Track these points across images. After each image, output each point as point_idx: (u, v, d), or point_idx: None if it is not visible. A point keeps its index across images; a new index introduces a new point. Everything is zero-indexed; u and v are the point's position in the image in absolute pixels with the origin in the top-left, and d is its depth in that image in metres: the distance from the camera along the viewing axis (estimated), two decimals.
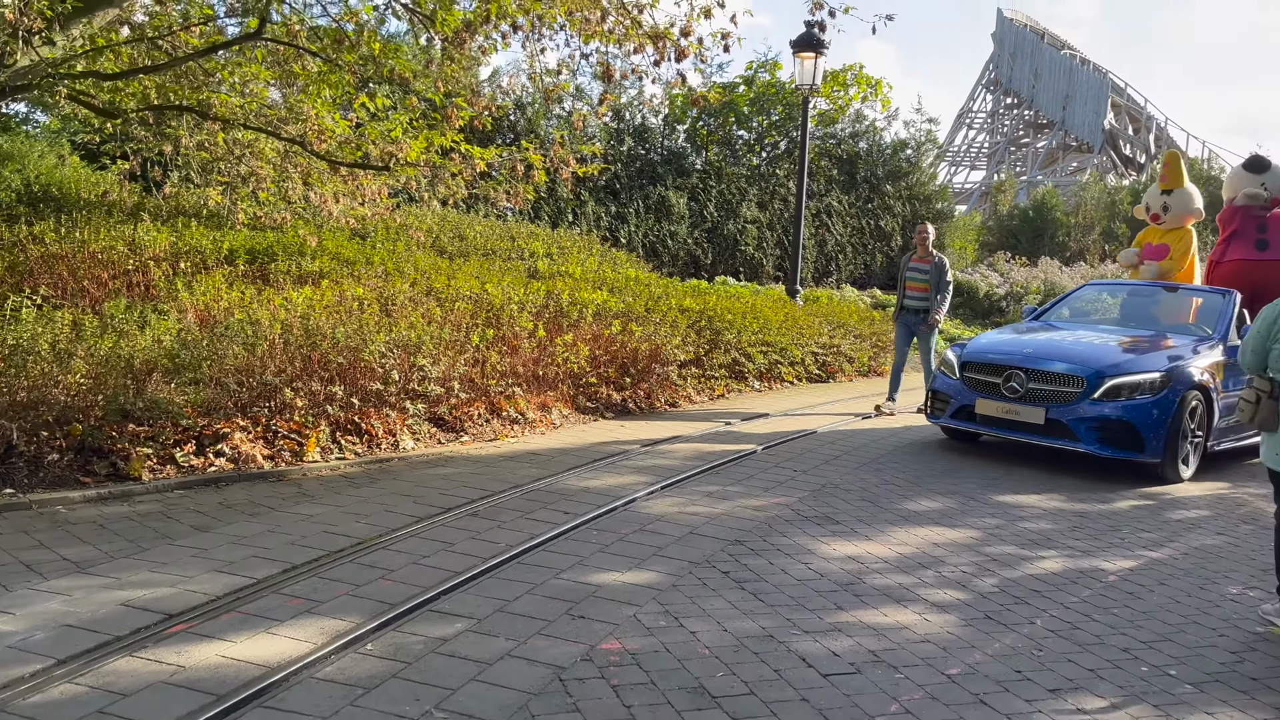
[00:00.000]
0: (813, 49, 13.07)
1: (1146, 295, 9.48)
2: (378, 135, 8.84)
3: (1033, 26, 50.89)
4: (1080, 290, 10.05)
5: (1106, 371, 7.27)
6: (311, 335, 6.88)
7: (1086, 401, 7.21)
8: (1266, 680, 3.91)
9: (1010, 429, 7.53)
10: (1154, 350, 7.73)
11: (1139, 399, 7.15)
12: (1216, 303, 8.70)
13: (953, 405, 7.87)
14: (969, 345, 8.21)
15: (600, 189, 18.78)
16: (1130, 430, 7.13)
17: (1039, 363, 7.49)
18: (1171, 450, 7.21)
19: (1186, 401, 7.26)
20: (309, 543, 4.78)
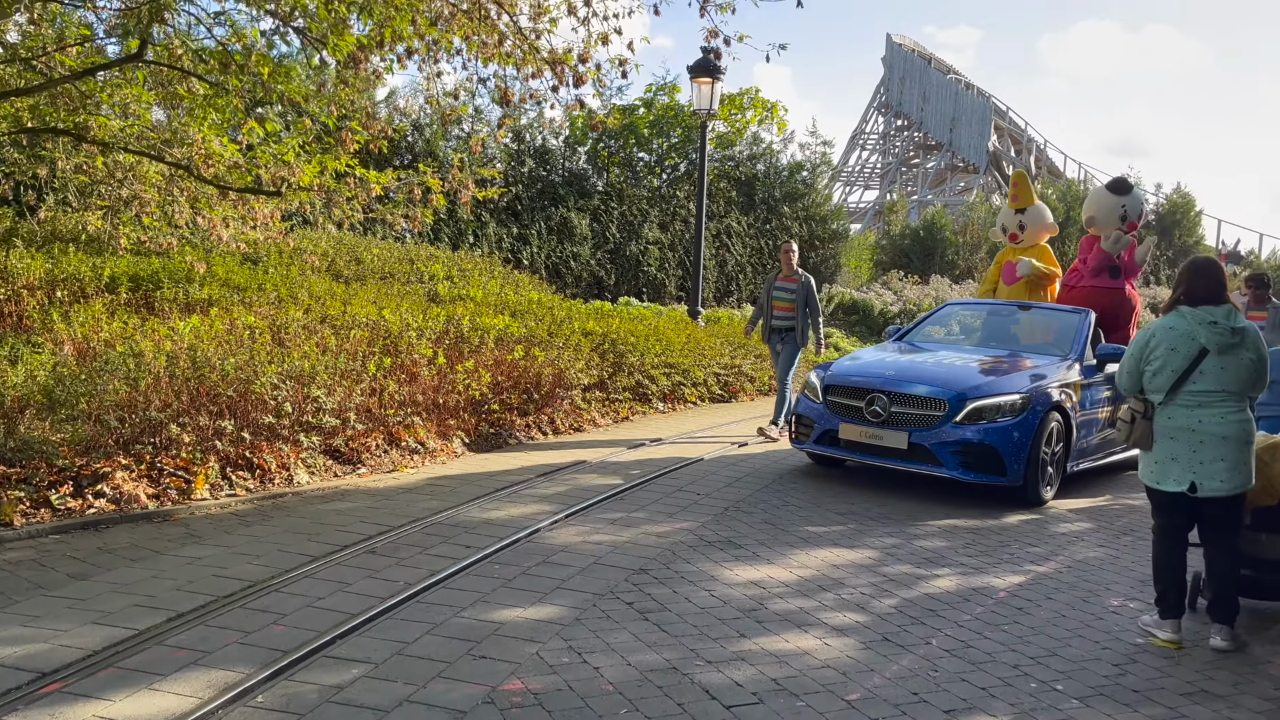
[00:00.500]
0: (709, 74, 13.27)
1: (1005, 315, 9.39)
2: (269, 159, 8.61)
3: (920, 51, 52.72)
4: (942, 310, 9.90)
5: (968, 394, 7.13)
6: (199, 367, 6.64)
7: (949, 425, 7.08)
8: (1147, 692, 4.08)
9: (874, 454, 7.36)
10: (1014, 371, 7.63)
11: (1000, 421, 7.04)
12: (1072, 322, 8.65)
13: (816, 430, 7.69)
14: (832, 367, 8.03)
15: (502, 210, 18.66)
16: (992, 454, 7.01)
17: (901, 385, 7.35)
18: (1033, 473, 7.13)
19: (1047, 423, 7.21)
20: (196, 588, 4.59)
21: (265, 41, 7.93)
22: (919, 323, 9.52)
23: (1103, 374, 8.09)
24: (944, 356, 8.13)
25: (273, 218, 9.78)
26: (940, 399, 7.14)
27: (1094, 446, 8.10)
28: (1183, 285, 4.70)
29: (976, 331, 9.44)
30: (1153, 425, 4.70)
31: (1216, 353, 4.53)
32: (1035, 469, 7.15)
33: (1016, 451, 7.01)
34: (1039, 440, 7.13)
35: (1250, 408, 4.70)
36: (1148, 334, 4.73)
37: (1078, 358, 8.07)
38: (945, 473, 7.07)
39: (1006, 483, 7.06)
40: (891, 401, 7.28)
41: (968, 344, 9.08)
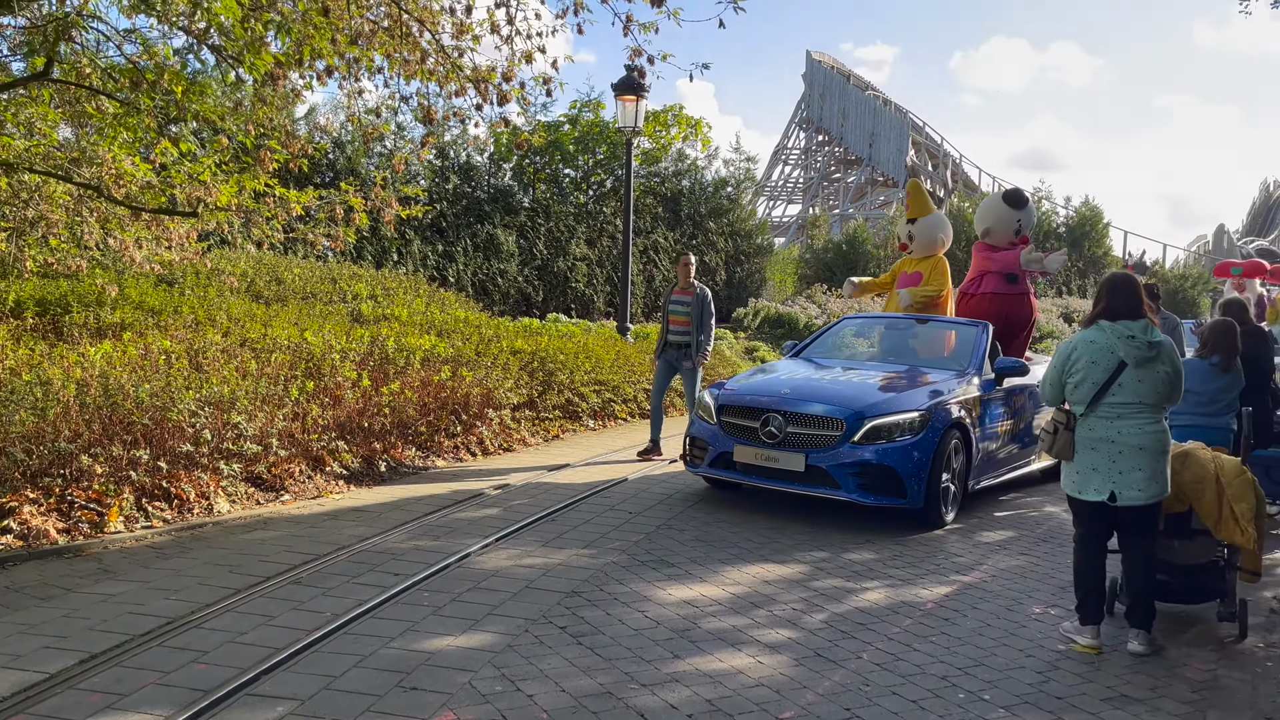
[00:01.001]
0: (634, 92, 13.34)
1: (902, 329, 9.17)
2: (184, 179, 8.38)
3: (839, 68, 53.77)
4: (839, 324, 9.55)
5: (866, 412, 6.87)
6: (112, 395, 6.42)
7: (846, 445, 6.80)
8: (1070, 699, 4.18)
9: (770, 477, 7.02)
10: (912, 388, 7.38)
11: (899, 441, 6.80)
12: (970, 334, 8.44)
13: (711, 452, 7.31)
14: (726, 386, 7.73)
15: (426, 227, 18.46)
16: (891, 475, 6.75)
17: (797, 404, 7.04)
18: (934, 493, 6.88)
19: (947, 440, 6.97)
20: (111, 626, 4.42)
21: (179, 59, 7.73)
22: (817, 337, 9.23)
23: (1002, 388, 7.94)
24: (841, 373, 7.87)
25: (189, 238, 9.51)
26: (837, 418, 6.86)
27: (995, 463, 7.91)
28: (1103, 300, 4.86)
29: (874, 346, 9.22)
30: (1074, 436, 4.83)
31: (1134, 366, 4.69)
32: (936, 489, 6.90)
33: (916, 471, 6.77)
34: (939, 459, 6.90)
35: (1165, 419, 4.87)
36: (1070, 346, 4.88)
37: (976, 372, 7.88)
38: (844, 495, 6.77)
39: (907, 504, 6.80)
40: (788, 421, 6.98)
41: (866, 359, 8.86)
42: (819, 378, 7.74)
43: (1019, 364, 7.95)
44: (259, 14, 7.04)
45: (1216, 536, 5.00)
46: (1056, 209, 33.46)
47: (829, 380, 7.60)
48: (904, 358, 8.60)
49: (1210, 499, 4.94)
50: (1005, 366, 7.90)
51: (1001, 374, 7.89)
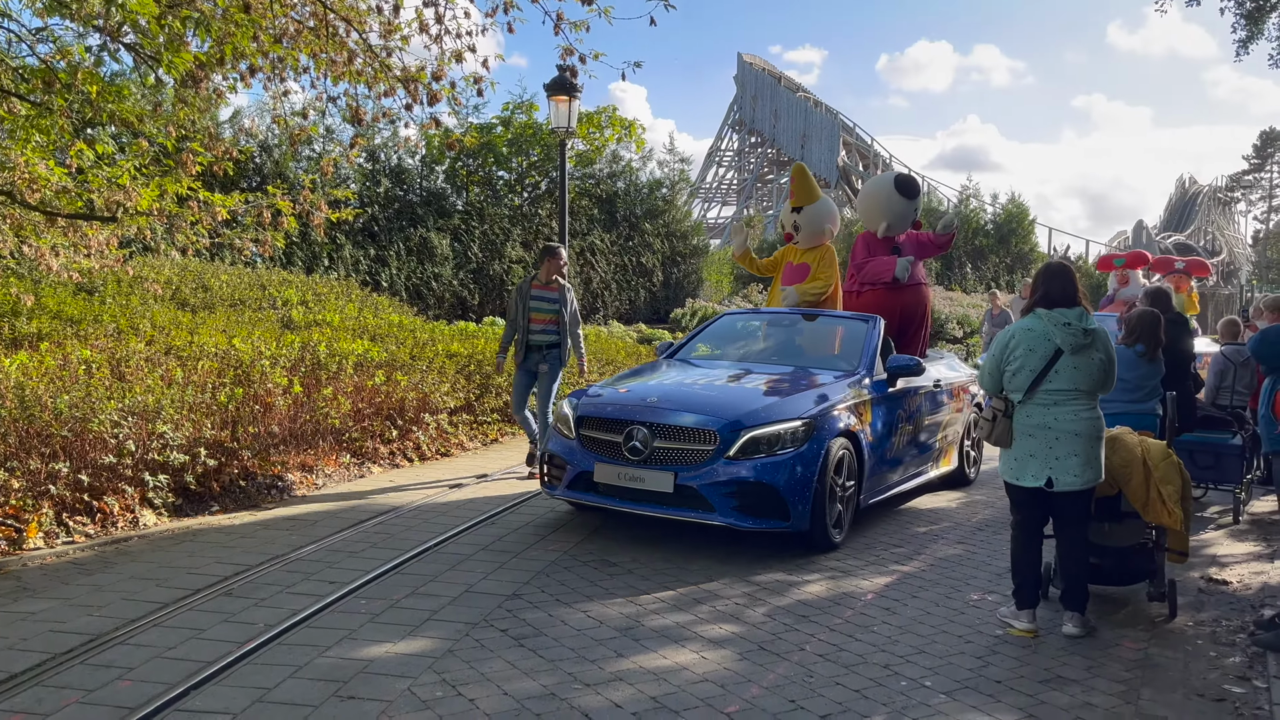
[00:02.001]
0: (566, 92, 13.26)
1: (787, 325, 8.27)
2: (101, 183, 8.11)
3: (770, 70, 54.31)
4: (718, 321, 8.62)
5: (743, 422, 6.01)
6: (28, 406, 6.17)
7: (721, 461, 5.92)
8: (1009, 682, 4.24)
9: (635, 500, 6.07)
10: (796, 392, 6.56)
11: (780, 454, 5.95)
12: (860, 331, 7.65)
13: (570, 472, 6.32)
14: (587, 394, 6.73)
15: (358, 232, 18.17)
16: (771, 494, 5.89)
17: (665, 415, 6.14)
18: (820, 513, 6.06)
19: (834, 451, 6.20)
20: (30, 645, 4.23)
21: (93, 58, 7.48)
22: (693, 336, 8.33)
23: (896, 389, 7.20)
24: (717, 376, 6.99)
25: (108, 245, 9.20)
26: (710, 430, 5.98)
27: (891, 473, 7.15)
28: (1040, 289, 4.94)
29: (757, 345, 8.26)
30: (1012, 424, 4.90)
31: (1070, 353, 4.77)
32: (823, 508, 6.08)
33: (800, 489, 5.94)
34: (826, 473, 6.10)
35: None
36: (1008, 334, 4.94)
37: (868, 372, 7.07)
38: (718, 520, 5.87)
39: (789, 528, 5.95)
40: (654, 434, 6.07)
41: (747, 360, 7.88)
42: (692, 383, 6.80)
43: (913, 362, 7.20)
44: (177, 10, 6.84)
45: (1145, 519, 5.12)
46: (984, 207, 34.19)
47: (703, 385, 6.71)
48: (788, 358, 7.71)
49: (1138, 482, 5.05)
50: (899, 365, 7.15)
51: (895, 374, 7.15)
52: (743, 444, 5.95)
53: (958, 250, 31.33)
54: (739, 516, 5.89)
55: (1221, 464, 7.73)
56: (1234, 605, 5.50)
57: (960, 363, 9.26)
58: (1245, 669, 4.50)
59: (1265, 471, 8.35)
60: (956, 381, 8.41)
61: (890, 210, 9.10)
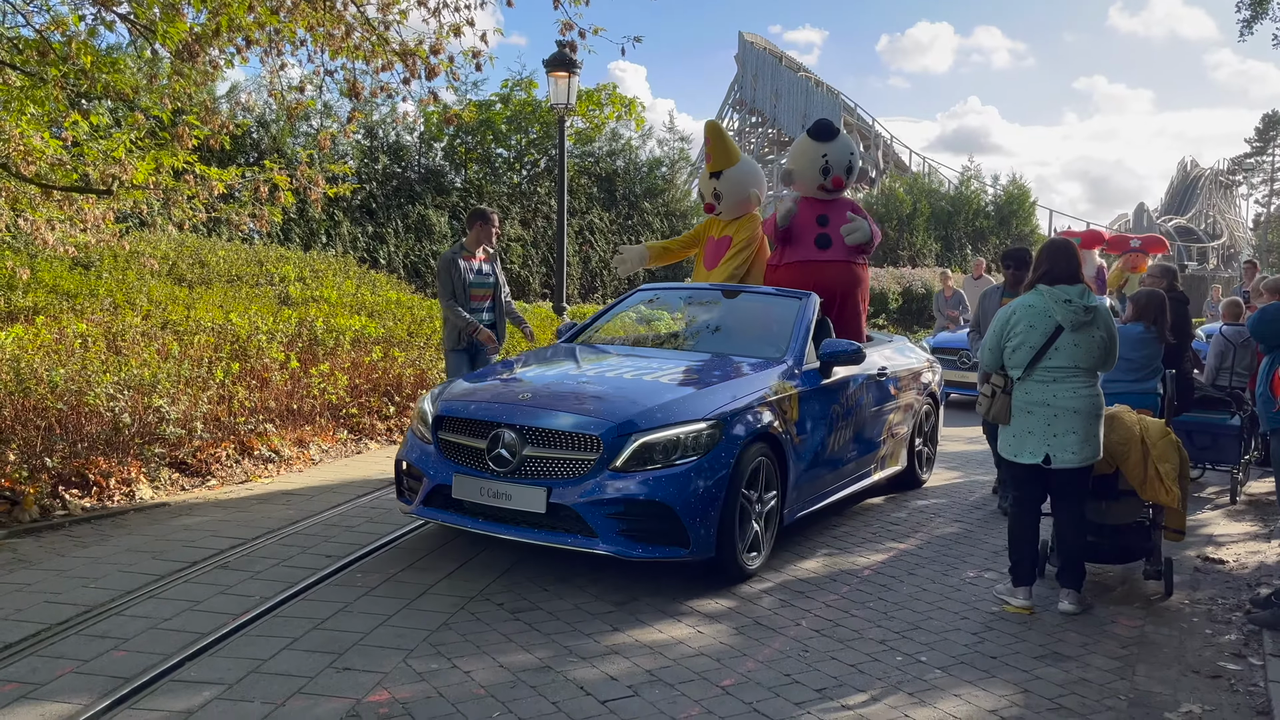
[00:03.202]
0: (565, 68, 13.18)
1: (706, 303, 7.15)
2: (97, 156, 8.05)
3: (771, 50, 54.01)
4: (631, 298, 7.40)
5: (634, 424, 4.83)
6: (24, 380, 6.15)
7: (605, 474, 4.74)
8: (1004, 657, 4.24)
9: (501, 521, 4.90)
10: (705, 385, 5.39)
11: (679, 464, 4.79)
12: (789, 311, 6.45)
13: (426, 485, 5.14)
14: (450, 389, 5.60)
15: (356, 208, 18.09)
16: (665, 515, 4.71)
17: (538, 416, 4.95)
18: (728, 536, 4.90)
19: (748, 459, 5.04)
20: (26, 616, 4.23)
21: (87, 28, 7.40)
22: (600, 316, 7.13)
23: (831, 380, 6.05)
24: (614, 366, 5.95)
25: (105, 219, 9.15)
26: (591, 434, 4.80)
27: (824, 480, 6.02)
28: (1042, 265, 4.90)
29: (670, 327, 7.40)
30: (1011, 400, 4.88)
31: (1070, 330, 4.74)
32: (733, 529, 4.93)
33: (702, 507, 4.77)
34: (738, 485, 4.95)
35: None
36: (1009, 311, 4.91)
37: (796, 360, 5.92)
38: (602, 548, 4.71)
39: (689, 555, 4.78)
40: (524, 440, 4.89)
41: (656, 345, 6.95)
42: (579, 374, 5.74)
43: (851, 348, 6.05)
44: None
45: (1142, 497, 5.11)
46: (985, 188, 34.08)
47: (592, 378, 5.61)
48: (706, 343, 6.65)
49: (1136, 460, 5.04)
50: (834, 353, 6.02)
51: (830, 362, 6.04)
52: (632, 452, 4.77)
53: (958, 231, 31.26)
54: (626, 543, 4.71)
55: (1219, 444, 7.73)
56: (1230, 584, 5.51)
57: (912, 347, 8.08)
58: (1241, 646, 4.50)
59: (1262, 452, 8.36)
60: (905, 369, 7.26)
61: (793, 154, 7.78)
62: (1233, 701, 3.91)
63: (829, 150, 7.54)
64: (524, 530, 4.86)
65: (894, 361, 7.18)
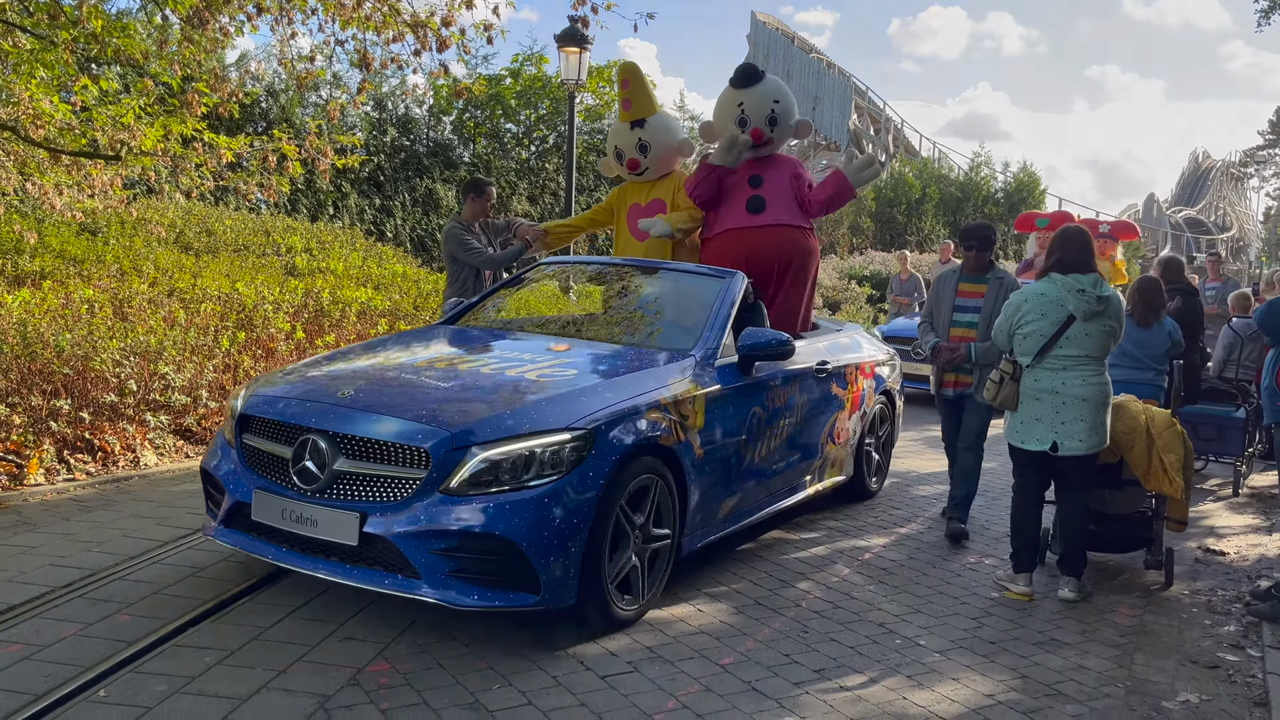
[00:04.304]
0: (577, 44, 13.10)
1: (615, 280, 6.05)
2: (106, 121, 8.03)
3: (783, 30, 53.65)
4: (529, 272, 6.26)
5: (473, 433, 3.78)
6: (30, 343, 6.16)
7: (435, 497, 3.72)
8: (1003, 643, 4.26)
9: (308, 554, 3.88)
10: (579, 385, 4.25)
11: (533, 486, 3.75)
12: (710, 293, 5.34)
13: (227, 502, 4.14)
14: (266, 379, 4.52)
15: (363, 181, 18.05)
16: (510, 554, 3.69)
17: (354, 420, 3.89)
18: (595, 579, 3.87)
19: (629, 478, 4.01)
20: (30, 579, 4.25)
21: None
22: (491, 293, 6.03)
23: (755, 377, 5.02)
24: (475, 357, 4.84)
25: (112, 185, 9.14)
26: (417, 447, 3.75)
27: (738, 500, 4.96)
28: (1056, 253, 4.87)
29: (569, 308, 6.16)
30: (1019, 387, 4.86)
31: (1083, 319, 4.71)
32: (601, 570, 3.90)
33: (560, 543, 3.74)
34: (609, 513, 3.91)
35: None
36: (1020, 298, 4.88)
37: (706, 354, 4.83)
38: (427, 593, 3.68)
39: (541, 604, 3.76)
40: (338, 450, 3.87)
41: (546, 330, 5.72)
42: (427, 366, 4.58)
43: (776, 340, 4.97)
44: None
45: (1146, 487, 5.11)
46: (995, 175, 33.93)
47: (441, 372, 4.45)
48: (602, 330, 5.48)
49: (1140, 450, 5.03)
50: (754, 344, 4.95)
51: (751, 356, 4.97)
52: (470, 470, 3.73)
53: (967, 217, 31.13)
54: (458, 588, 3.69)
55: (1224, 436, 7.73)
56: (1230, 576, 5.52)
57: (868, 337, 7.02)
58: (1239, 638, 4.51)
59: (1266, 445, 8.35)
60: (853, 363, 6.25)
61: (716, 106, 6.61)
62: (1230, 692, 3.93)
63: (746, 98, 6.35)
64: (333, 566, 3.83)
65: (841, 354, 6.15)
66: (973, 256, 5.90)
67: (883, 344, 7.25)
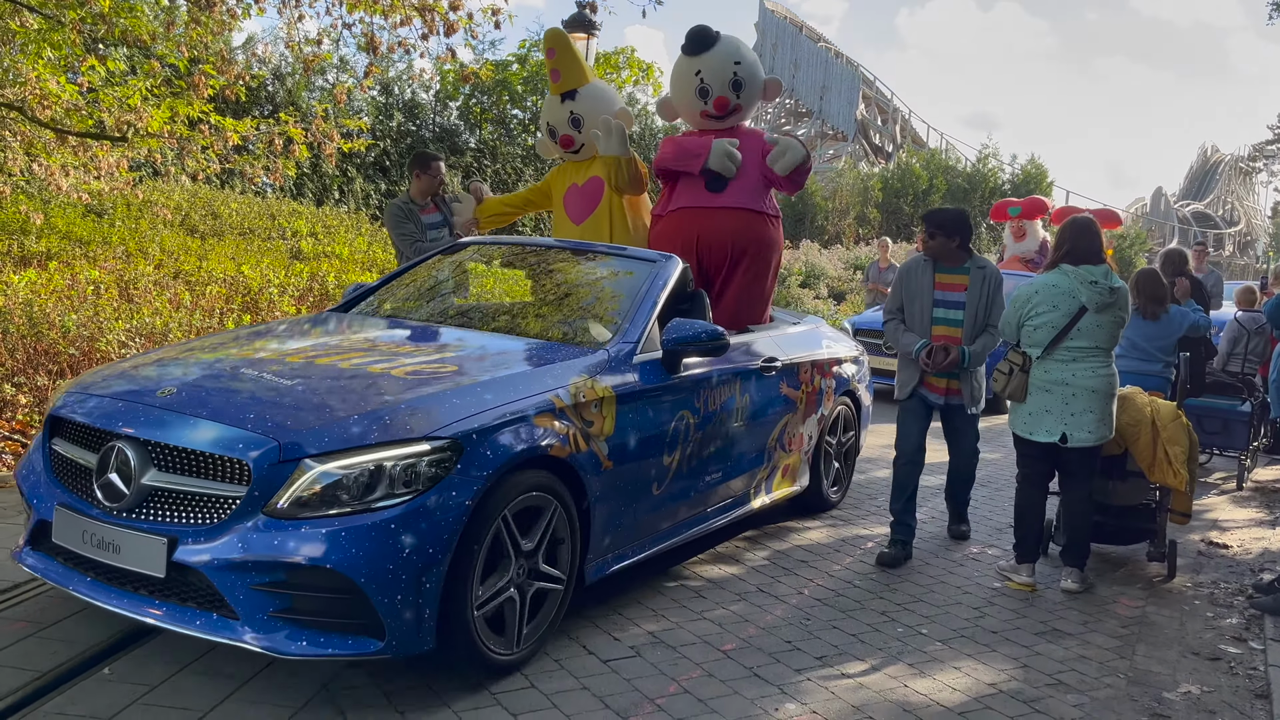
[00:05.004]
0: (584, 29, 13.05)
1: (536, 264, 5.31)
2: (113, 102, 8.03)
3: (792, 19, 53.44)
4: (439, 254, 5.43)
5: (305, 443, 3.11)
6: (36, 324, 6.18)
7: (258, 520, 3.05)
8: (1004, 632, 4.26)
9: (112, 585, 3.22)
10: (454, 384, 3.51)
11: (380, 508, 3.09)
12: (639, 278, 4.64)
13: (31, 519, 3.51)
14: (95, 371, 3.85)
15: (369, 165, 18.05)
16: (346, 591, 3.04)
17: (166, 425, 3.20)
18: (459, 621, 3.21)
19: (506, 497, 3.33)
20: None
21: None
22: (393, 276, 5.22)
23: (685, 375, 4.32)
24: (341, 348, 4.09)
25: (119, 167, 9.16)
26: (236, 458, 3.09)
27: (660, 515, 4.28)
28: (1066, 244, 4.84)
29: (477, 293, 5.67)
30: (1028, 378, 4.84)
31: (1094, 311, 4.69)
32: (467, 608, 3.22)
33: (411, 578, 3.07)
34: (477, 540, 3.23)
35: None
36: (1030, 289, 4.85)
37: (623, 349, 4.12)
38: (248, 638, 3.01)
39: (386, 652, 3.10)
40: (148, 460, 3.19)
41: (447, 318, 4.81)
42: (274, 358, 3.85)
43: (707, 333, 4.24)
44: None
45: (1150, 479, 5.11)
46: (1003, 166, 33.81)
47: (291, 367, 3.68)
48: (510, 320, 4.80)
49: (1145, 441, 5.03)
50: (681, 338, 4.22)
51: (677, 352, 4.25)
52: (302, 486, 3.05)
53: (974, 209, 31.05)
54: (287, 631, 3.02)
55: (1229, 430, 7.72)
56: (1233, 569, 5.52)
57: (831, 332, 6.28)
58: (1242, 630, 4.52)
59: (1271, 439, 8.34)
60: (810, 359, 5.56)
61: (671, 79, 6.08)
62: (1232, 684, 3.93)
63: (703, 65, 5.73)
64: (137, 600, 3.14)
65: (795, 350, 5.45)
66: (938, 244, 5.12)
67: (849, 338, 6.58)
